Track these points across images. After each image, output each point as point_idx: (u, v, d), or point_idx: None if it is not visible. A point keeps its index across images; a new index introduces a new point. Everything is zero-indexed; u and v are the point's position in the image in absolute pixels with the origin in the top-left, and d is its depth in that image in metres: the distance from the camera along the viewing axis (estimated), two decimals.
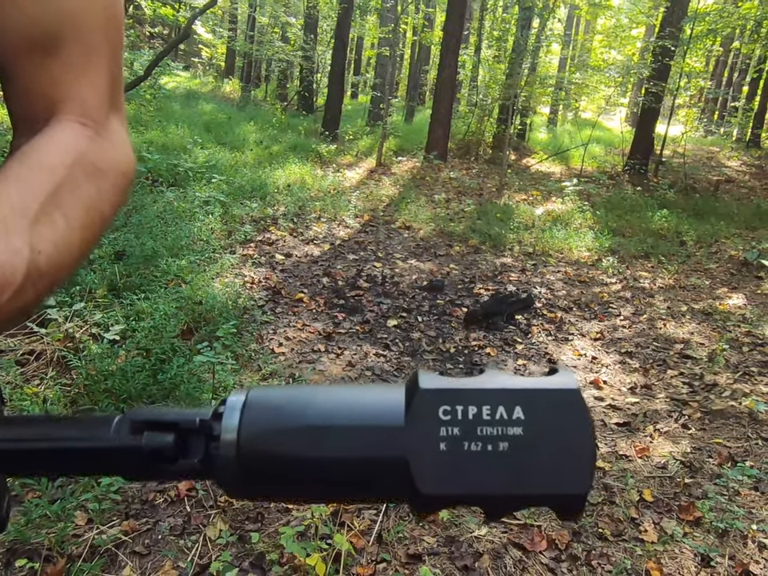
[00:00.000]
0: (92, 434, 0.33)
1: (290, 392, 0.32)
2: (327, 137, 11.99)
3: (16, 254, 0.39)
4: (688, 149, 12.82)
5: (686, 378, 4.05)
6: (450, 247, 6.63)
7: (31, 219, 0.41)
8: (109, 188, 0.50)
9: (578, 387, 0.30)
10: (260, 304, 4.50)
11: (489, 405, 0.29)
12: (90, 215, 0.47)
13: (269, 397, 0.31)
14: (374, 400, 0.31)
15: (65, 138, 0.49)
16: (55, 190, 0.44)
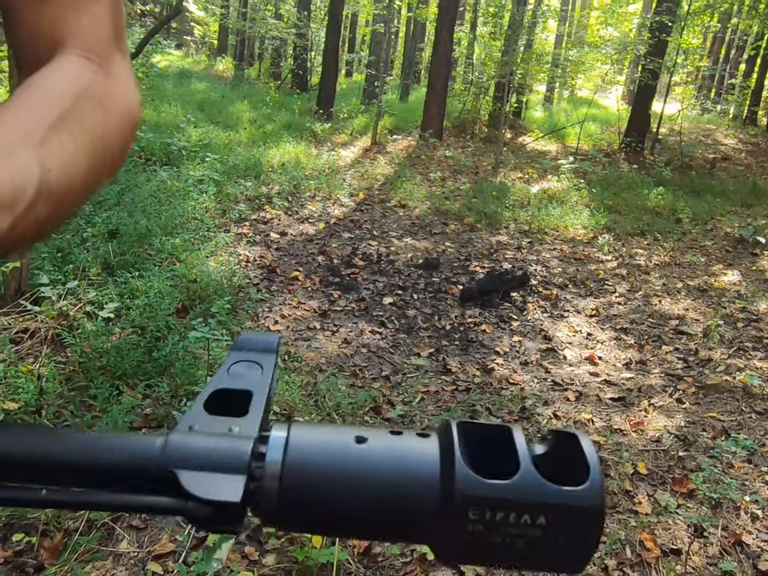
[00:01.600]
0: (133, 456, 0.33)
1: (330, 433, 0.33)
2: (321, 115, 11.88)
3: (26, 168, 0.39)
4: (684, 127, 12.76)
5: (681, 353, 4.07)
6: (446, 225, 6.61)
7: (40, 139, 0.41)
8: (116, 123, 0.49)
9: (602, 508, 0.32)
10: (255, 282, 4.49)
11: (516, 512, 0.31)
12: (97, 145, 0.46)
13: (310, 437, 0.32)
14: (408, 466, 0.32)
15: (70, 69, 0.48)
16: (62, 116, 0.44)
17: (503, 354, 3.93)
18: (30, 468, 0.32)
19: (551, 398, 3.42)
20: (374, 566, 2.02)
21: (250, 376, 0.36)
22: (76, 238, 4.24)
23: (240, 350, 0.37)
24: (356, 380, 3.37)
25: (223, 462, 0.30)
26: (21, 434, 0.33)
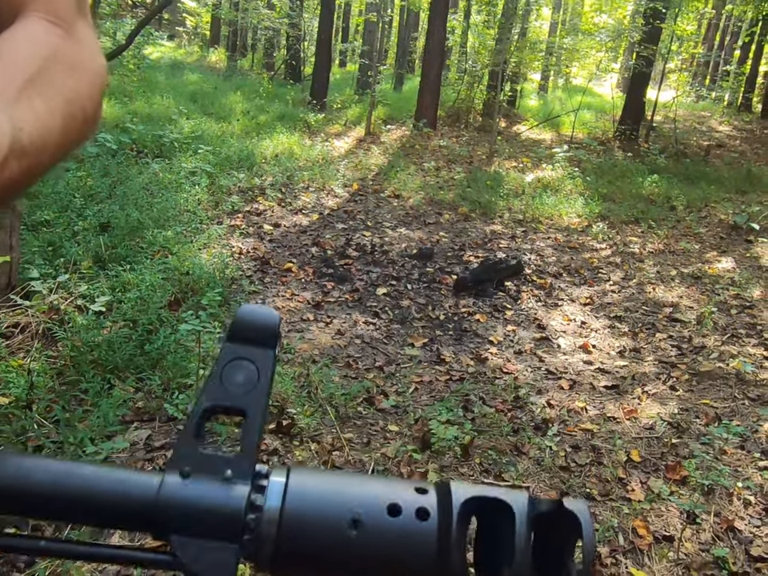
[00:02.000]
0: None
1: (328, 478, 0.33)
2: (315, 106, 11.81)
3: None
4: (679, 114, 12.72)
5: (675, 340, 4.07)
6: (440, 215, 6.59)
7: (11, 98, 0.40)
8: (87, 87, 0.48)
9: None
10: (248, 274, 4.47)
11: None
12: (70, 107, 0.46)
13: (310, 482, 0.31)
14: (406, 549, 0.31)
15: (37, 32, 0.48)
16: (33, 77, 0.43)
17: (497, 343, 3.92)
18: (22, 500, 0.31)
19: (545, 387, 3.42)
20: None
21: (245, 384, 0.33)
22: (67, 231, 4.21)
23: (235, 340, 0.34)
24: (349, 371, 3.37)
25: (216, 529, 0.30)
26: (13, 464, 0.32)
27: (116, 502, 0.31)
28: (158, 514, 0.30)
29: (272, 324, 0.34)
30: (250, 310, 0.34)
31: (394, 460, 2.51)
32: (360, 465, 2.46)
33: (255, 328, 0.34)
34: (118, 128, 7.34)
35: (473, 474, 2.53)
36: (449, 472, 2.51)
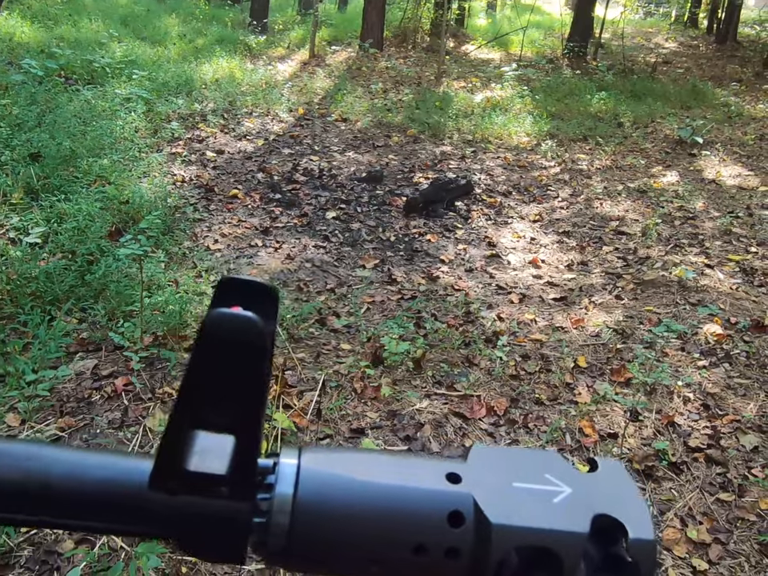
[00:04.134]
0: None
1: (342, 461, 0.27)
2: (256, 28, 11.26)
3: None
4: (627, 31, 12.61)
5: (621, 252, 4.15)
6: (389, 138, 6.46)
7: None
8: None
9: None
10: (192, 202, 4.32)
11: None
12: None
13: (322, 466, 0.26)
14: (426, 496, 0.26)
15: None
16: None
17: (448, 262, 3.93)
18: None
19: (495, 302, 3.46)
20: None
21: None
22: None
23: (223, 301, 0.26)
24: (300, 294, 3.34)
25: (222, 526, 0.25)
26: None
27: (104, 493, 0.26)
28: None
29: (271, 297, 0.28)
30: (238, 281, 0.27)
31: (347, 376, 2.53)
32: (313, 382, 2.47)
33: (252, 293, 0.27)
34: (44, 53, 6.87)
35: (425, 386, 2.57)
36: (401, 385, 2.55)
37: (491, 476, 0.25)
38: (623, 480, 0.27)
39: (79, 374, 2.41)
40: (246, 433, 0.24)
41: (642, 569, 0.25)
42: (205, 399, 0.23)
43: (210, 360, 0.23)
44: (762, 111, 8.12)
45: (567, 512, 0.24)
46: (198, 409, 0.24)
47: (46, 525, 0.26)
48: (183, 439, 0.24)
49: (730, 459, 2.31)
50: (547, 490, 0.25)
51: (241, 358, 0.23)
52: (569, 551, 0.24)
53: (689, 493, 2.17)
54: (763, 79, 9.81)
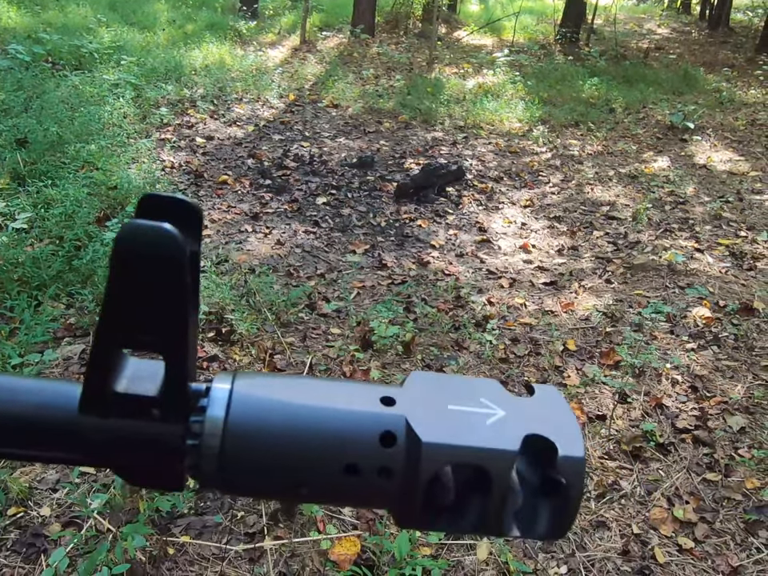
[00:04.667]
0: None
1: (276, 386, 0.26)
2: (246, 13, 11.14)
3: None
4: (619, 17, 12.56)
5: (611, 237, 4.16)
6: (380, 124, 6.43)
7: None
8: None
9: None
10: (181, 188, 4.30)
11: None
12: None
13: (255, 390, 0.25)
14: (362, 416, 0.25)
15: None
16: None
17: (439, 247, 3.93)
18: None
19: (486, 286, 3.46)
20: None
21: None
22: None
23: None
24: (290, 279, 3.33)
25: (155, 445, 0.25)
26: None
27: (37, 410, 0.25)
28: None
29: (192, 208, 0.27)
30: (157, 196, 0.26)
31: (336, 360, 2.53)
32: (302, 366, 2.47)
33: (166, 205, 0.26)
34: (31, 39, 6.79)
35: (415, 369, 2.57)
36: (391, 368, 2.55)
37: (426, 399, 0.25)
38: (558, 403, 0.27)
39: (67, 359, 2.40)
40: (174, 355, 0.23)
41: (570, 484, 0.25)
42: (127, 317, 0.23)
43: (129, 275, 0.22)
44: (753, 97, 8.12)
45: (499, 432, 0.24)
46: (122, 327, 0.23)
47: None
48: (111, 360, 0.23)
49: (717, 440, 2.33)
50: (481, 413, 0.25)
51: (159, 271, 0.22)
52: (498, 469, 0.24)
53: (676, 473, 2.18)
54: (755, 65, 9.79)
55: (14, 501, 1.73)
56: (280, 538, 1.68)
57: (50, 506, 1.74)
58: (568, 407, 0.26)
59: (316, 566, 1.63)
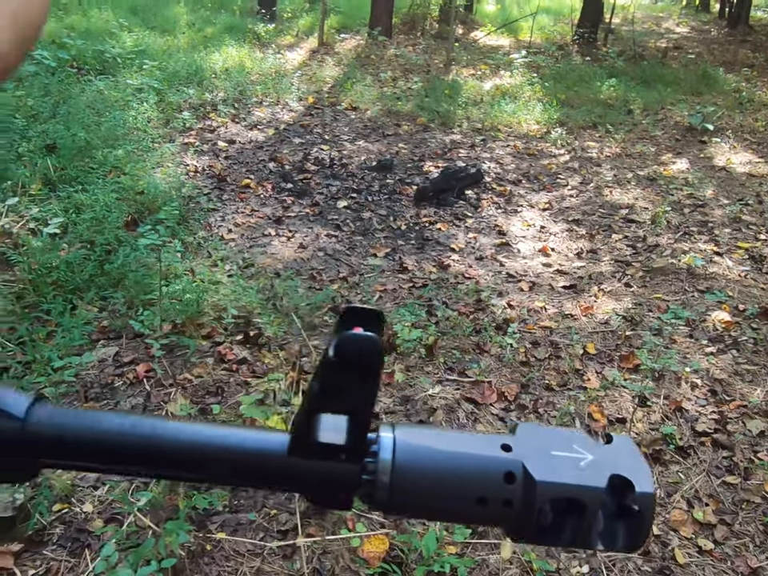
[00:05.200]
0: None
1: (426, 435, 0.34)
2: (264, 16, 11.25)
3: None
4: (637, 16, 12.51)
5: (630, 240, 4.18)
6: (399, 126, 6.49)
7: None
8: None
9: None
10: (205, 192, 4.38)
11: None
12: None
13: (411, 439, 0.33)
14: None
15: None
16: None
17: (459, 250, 3.98)
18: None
19: (505, 290, 3.51)
20: None
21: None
22: (11, 153, 4.04)
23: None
24: (314, 283, 3.39)
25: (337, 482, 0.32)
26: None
27: (251, 460, 0.33)
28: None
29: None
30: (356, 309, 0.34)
31: None
32: None
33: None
34: (55, 44, 6.91)
35: (437, 372, 2.63)
36: (414, 371, 2.61)
37: (534, 446, 0.32)
38: (632, 450, 0.35)
39: (102, 361, 2.49)
40: (360, 418, 0.31)
41: (644, 514, 0.32)
42: (332, 395, 0.30)
43: (342, 371, 0.29)
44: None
45: (590, 472, 0.31)
46: (327, 402, 0.30)
47: (211, 482, 0.34)
48: (313, 420, 0.31)
49: (737, 443, 2.36)
50: (575, 457, 0.32)
51: (366, 368, 0.29)
52: (591, 501, 0.31)
53: (695, 476, 2.22)
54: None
55: (58, 497, 1.81)
56: (312, 536, 1.75)
57: (92, 502, 1.82)
58: (639, 453, 0.34)
59: (347, 563, 1.70)
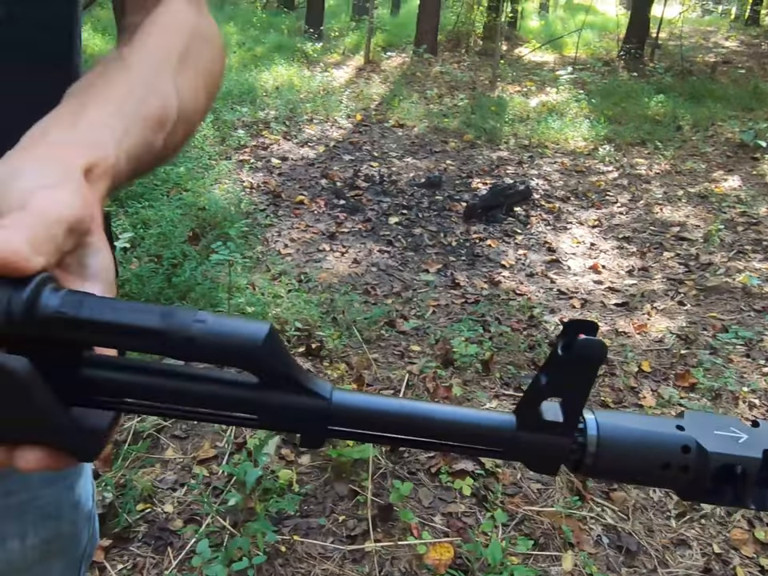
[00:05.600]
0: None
1: (624, 417, 0.41)
2: (312, 35, 11.52)
3: (171, 94, 0.47)
4: (685, 30, 12.40)
5: (682, 258, 4.17)
6: (446, 143, 6.58)
7: (174, 69, 0.49)
8: (216, 54, 0.58)
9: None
10: (261, 208, 4.53)
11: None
12: (210, 76, 0.55)
13: (608, 419, 0.40)
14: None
15: (181, 11, 0.56)
16: (185, 50, 0.52)
17: (509, 266, 4.03)
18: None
19: (557, 306, 3.54)
20: (400, 461, 2.19)
21: None
22: None
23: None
24: (368, 297, 3.49)
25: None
26: None
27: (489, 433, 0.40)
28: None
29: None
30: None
31: (419, 376, 2.66)
32: (387, 381, 2.61)
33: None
34: None
35: (494, 387, 2.68)
36: (471, 386, 2.66)
37: (701, 427, 0.40)
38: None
39: None
40: (576, 401, 0.38)
41: None
42: (555, 385, 0.38)
43: (567, 365, 0.37)
44: None
45: (747, 447, 0.39)
46: (550, 390, 0.38)
47: (456, 451, 0.41)
48: (537, 403, 0.38)
49: None
50: (734, 436, 0.39)
51: (592, 365, 0.37)
52: (750, 469, 0.39)
53: None
54: None
55: (141, 498, 1.92)
56: (379, 541, 1.82)
57: (172, 503, 1.93)
58: None
59: (414, 569, 1.76)
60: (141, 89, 0.47)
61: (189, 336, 0.31)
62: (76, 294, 0.32)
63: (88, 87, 0.48)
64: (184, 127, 0.51)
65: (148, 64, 0.49)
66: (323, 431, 0.36)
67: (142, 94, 0.47)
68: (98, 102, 0.45)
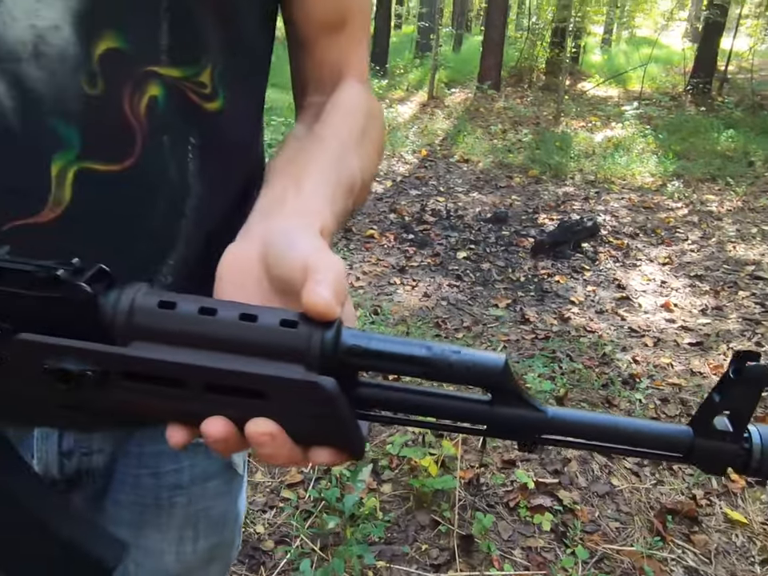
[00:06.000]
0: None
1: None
2: (378, 72, 11.87)
3: (356, 165, 0.57)
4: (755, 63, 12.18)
5: (758, 298, 4.09)
6: (511, 179, 6.65)
7: (356, 143, 0.60)
8: (381, 127, 0.69)
9: None
10: (334, 242, 4.69)
11: None
12: (379, 150, 0.66)
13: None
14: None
15: (357, 93, 0.67)
16: (363, 127, 0.63)
17: (578, 303, 4.04)
18: None
19: (629, 344, 3.53)
20: (479, 493, 2.24)
21: None
22: None
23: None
24: (439, 330, 3.57)
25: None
26: None
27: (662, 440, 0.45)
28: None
29: None
30: None
31: None
32: None
33: None
34: None
35: None
36: None
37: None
38: None
39: None
40: (743, 415, 0.43)
41: None
42: (725, 403, 0.45)
43: (738, 386, 0.43)
44: None
45: None
46: (722, 406, 0.44)
47: (613, 453, 0.48)
48: (711, 416, 0.45)
49: None
50: None
51: (758, 386, 0.44)
52: None
53: None
54: None
55: None
56: (463, 571, 1.87)
57: (263, 524, 2.04)
58: None
59: None
60: (336, 162, 0.58)
61: (449, 363, 0.40)
62: (363, 332, 0.41)
63: (293, 160, 0.58)
64: (364, 191, 0.62)
65: (338, 140, 0.60)
66: (539, 439, 0.44)
67: (338, 166, 0.57)
68: (310, 174, 0.55)
